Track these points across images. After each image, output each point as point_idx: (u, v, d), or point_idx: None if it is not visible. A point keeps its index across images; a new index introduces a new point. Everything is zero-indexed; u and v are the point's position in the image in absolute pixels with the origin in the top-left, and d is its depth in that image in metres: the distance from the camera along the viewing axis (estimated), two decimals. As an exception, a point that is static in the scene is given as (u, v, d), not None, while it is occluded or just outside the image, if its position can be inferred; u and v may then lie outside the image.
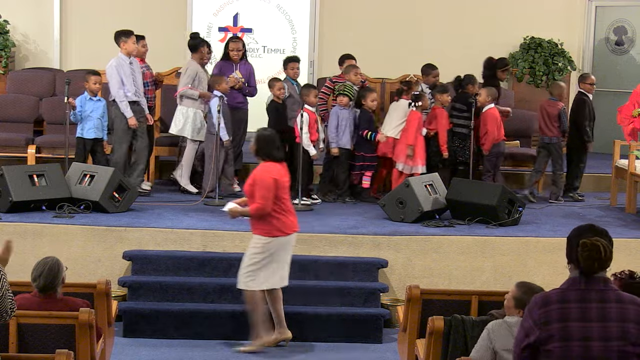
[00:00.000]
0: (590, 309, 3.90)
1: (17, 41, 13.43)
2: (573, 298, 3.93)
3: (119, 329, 7.97)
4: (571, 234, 4.11)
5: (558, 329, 3.87)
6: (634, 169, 10.20)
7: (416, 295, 6.55)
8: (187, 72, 10.44)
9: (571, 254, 4.04)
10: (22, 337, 5.75)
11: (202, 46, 10.60)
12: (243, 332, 8.09)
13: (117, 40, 10.19)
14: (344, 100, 10.32)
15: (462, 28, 13.76)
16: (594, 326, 3.88)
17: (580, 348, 3.85)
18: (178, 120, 10.45)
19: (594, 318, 3.88)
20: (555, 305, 3.92)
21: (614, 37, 14.09)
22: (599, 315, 3.89)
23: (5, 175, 9.04)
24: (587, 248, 3.95)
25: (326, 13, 13.80)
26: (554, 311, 3.90)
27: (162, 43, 13.40)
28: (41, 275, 5.86)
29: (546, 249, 8.88)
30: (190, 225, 8.92)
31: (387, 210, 9.52)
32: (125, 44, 10.11)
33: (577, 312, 3.89)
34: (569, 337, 3.86)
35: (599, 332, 3.88)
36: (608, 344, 3.87)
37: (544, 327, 3.88)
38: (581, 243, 3.98)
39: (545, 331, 3.88)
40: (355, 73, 10.56)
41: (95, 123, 10.08)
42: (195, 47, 10.60)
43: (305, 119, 9.96)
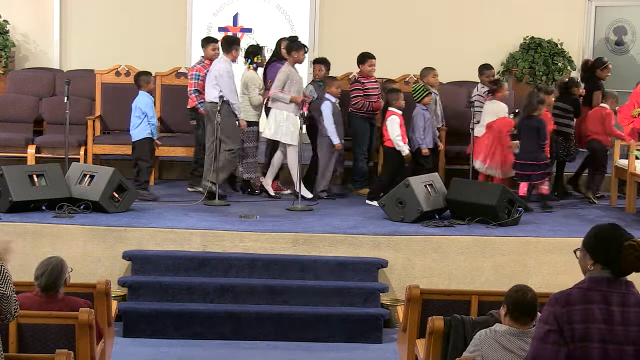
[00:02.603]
0: (612, 312, 3.85)
1: (17, 41, 13.44)
2: (597, 300, 3.88)
3: (119, 329, 7.97)
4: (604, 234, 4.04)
5: (580, 330, 3.81)
6: (634, 169, 10.20)
7: (416, 295, 6.54)
8: (280, 76, 10.36)
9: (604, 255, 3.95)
10: (22, 337, 5.75)
11: (298, 49, 10.51)
12: (243, 332, 8.11)
13: (229, 48, 10.20)
14: (428, 100, 10.49)
15: (462, 28, 13.77)
16: (615, 329, 3.83)
17: (599, 350, 3.81)
18: (271, 124, 10.38)
19: (615, 321, 3.84)
20: (578, 306, 3.85)
21: (614, 37, 14.09)
22: (620, 319, 3.85)
23: (5, 175, 9.04)
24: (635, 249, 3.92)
25: (326, 13, 13.81)
26: (577, 312, 3.84)
27: (162, 43, 13.43)
28: (43, 275, 5.85)
29: (546, 249, 8.88)
30: (190, 225, 8.92)
31: (387, 210, 9.52)
32: (236, 52, 10.24)
33: (600, 314, 3.84)
34: (589, 338, 3.81)
35: (619, 335, 3.83)
36: (625, 347, 3.83)
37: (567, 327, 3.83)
38: (628, 245, 3.94)
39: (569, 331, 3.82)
40: (433, 75, 10.86)
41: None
42: (290, 50, 10.54)
43: (397, 121, 10.09)
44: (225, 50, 10.22)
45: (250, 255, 8.62)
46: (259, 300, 8.30)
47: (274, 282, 8.44)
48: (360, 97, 10.71)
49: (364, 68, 10.80)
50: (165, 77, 11.46)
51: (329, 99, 10.49)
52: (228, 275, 8.47)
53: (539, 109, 10.14)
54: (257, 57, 10.47)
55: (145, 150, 10.13)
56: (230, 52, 10.20)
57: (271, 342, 8.07)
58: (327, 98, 10.50)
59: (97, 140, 11.07)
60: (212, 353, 7.81)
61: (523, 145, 10.18)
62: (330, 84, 10.59)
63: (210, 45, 10.64)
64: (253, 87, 10.40)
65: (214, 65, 10.24)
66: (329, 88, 10.55)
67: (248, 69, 10.50)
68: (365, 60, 10.81)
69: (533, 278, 8.67)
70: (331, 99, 10.48)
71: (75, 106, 11.03)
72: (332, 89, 10.53)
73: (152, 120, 10.09)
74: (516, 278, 8.63)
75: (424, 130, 10.45)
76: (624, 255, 3.91)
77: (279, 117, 10.34)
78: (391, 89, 10.62)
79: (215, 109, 9.91)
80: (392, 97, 10.28)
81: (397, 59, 12.07)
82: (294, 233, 8.83)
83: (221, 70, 10.06)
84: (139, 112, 10.05)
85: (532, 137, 10.08)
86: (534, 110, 10.14)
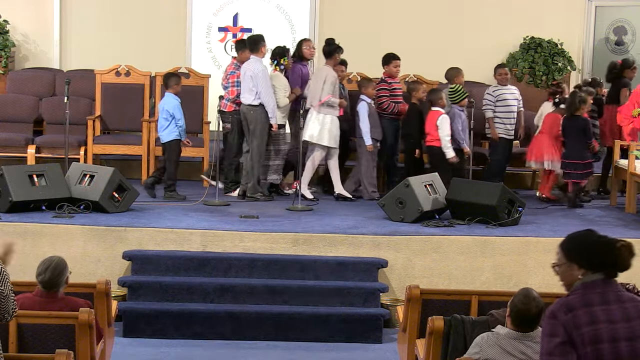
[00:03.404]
0: (612, 310, 3.85)
1: (17, 41, 13.44)
2: (596, 301, 3.88)
3: (118, 329, 7.97)
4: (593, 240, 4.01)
5: (589, 332, 3.80)
6: (634, 169, 10.20)
7: (416, 295, 6.54)
8: (329, 80, 10.32)
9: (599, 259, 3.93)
10: (22, 337, 5.75)
11: (337, 52, 10.53)
12: (243, 332, 8.11)
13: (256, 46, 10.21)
14: (466, 102, 10.60)
15: (462, 28, 13.77)
16: (620, 327, 3.82)
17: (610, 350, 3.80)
18: (314, 126, 10.36)
19: (618, 319, 3.84)
20: (581, 309, 3.84)
21: (614, 37, 14.10)
22: (622, 316, 3.85)
23: (5, 175, 9.04)
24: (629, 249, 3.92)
25: (326, 13, 13.81)
26: (582, 315, 3.82)
27: (162, 43, 13.44)
28: (47, 270, 5.85)
29: (546, 249, 8.87)
30: (190, 225, 8.91)
31: (387, 210, 9.52)
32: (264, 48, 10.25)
33: (603, 315, 3.84)
34: (599, 339, 3.79)
35: (625, 332, 3.83)
36: (634, 343, 3.83)
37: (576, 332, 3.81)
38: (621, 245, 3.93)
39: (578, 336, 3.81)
40: (462, 76, 11.07)
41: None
42: (331, 53, 10.53)
43: (448, 120, 10.18)
44: (254, 50, 10.24)
45: (250, 255, 8.62)
46: (259, 300, 8.30)
47: (274, 282, 8.44)
48: (387, 97, 10.71)
49: (389, 69, 10.80)
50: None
51: (365, 100, 10.51)
52: (228, 275, 8.47)
53: (581, 109, 10.33)
54: (283, 58, 10.47)
55: (175, 152, 10.17)
56: (259, 50, 10.22)
57: (271, 342, 8.07)
58: (363, 99, 10.53)
59: (97, 140, 11.08)
60: (212, 353, 7.80)
61: (569, 144, 10.42)
62: (366, 85, 10.62)
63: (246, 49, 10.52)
64: (279, 89, 10.38)
65: (247, 66, 10.23)
66: (366, 89, 10.58)
67: (274, 71, 10.48)
68: (390, 61, 10.81)
69: (533, 278, 8.67)
70: (367, 100, 10.51)
71: (75, 106, 11.03)
72: (369, 90, 10.57)
73: (179, 122, 10.09)
74: (516, 278, 8.65)
75: (462, 131, 10.55)
76: (621, 256, 3.90)
77: (325, 120, 10.35)
78: (433, 89, 10.74)
79: (254, 111, 10.07)
80: (435, 96, 10.39)
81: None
82: (294, 233, 8.82)
83: (256, 71, 10.08)
84: (166, 114, 10.06)
85: (578, 136, 10.31)
86: (576, 110, 10.33)
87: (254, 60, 10.21)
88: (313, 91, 10.42)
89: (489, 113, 10.98)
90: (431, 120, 10.36)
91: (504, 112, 10.99)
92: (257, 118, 10.13)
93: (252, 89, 10.09)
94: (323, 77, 10.36)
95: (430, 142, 10.41)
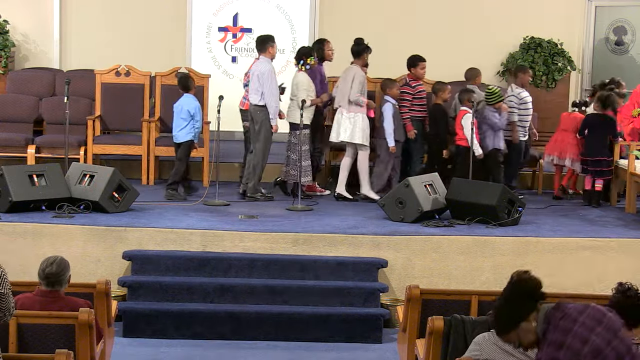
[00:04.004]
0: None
1: (17, 41, 13.44)
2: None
3: (118, 329, 7.97)
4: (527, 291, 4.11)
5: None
6: (634, 169, 10.20)
7: (416, 295, 6.54)
8: (358, 79, 10.34)
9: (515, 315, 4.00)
10: (22, 337, 5.74)
11: (365, 52, 10.52)
12: (243, 332, 8.11)
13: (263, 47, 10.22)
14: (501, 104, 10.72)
15: (462, 28, 13.76)
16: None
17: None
18: (345, 126, 10.36)
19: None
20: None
21: (613, 37, 14.09)
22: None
23: (5, 175, 9.04)
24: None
25: (326, 13, 13.81)
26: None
27: (162, 43, 13.44)
28: (54, 263, 5.88)
29: (546, 249, 8.88)
30: (190, 225, 8.91)
31: (387, 210, 9.52)
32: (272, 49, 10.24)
33: None
34: None
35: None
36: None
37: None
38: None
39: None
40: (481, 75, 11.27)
41: None
42: (359, 53, 10.52)
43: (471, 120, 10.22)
44: (261, 50, 10.27)
45: (250, 255, 8.62)
46: (259, 300, 8.30)
47: (274, 282, 8.44)
48: (409, 103, 10.66)
49: (415, 71, 10.74)
50: (165, 77, 11.45)
51: (390, 101, 10.52)
52: (228, 275, 8.47)
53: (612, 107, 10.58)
54: (310, 58, 10.48)
55: (186, 153, 10.28)
56: (266, 50, 10.23)
57: (271, 342, 8.07)
58: (388, 100, 10.54)
59: (97, 140, 11.08)
60: (212, 353, 7.81)
61: (592, 141, 10.59)
62: (390, 85, 10.62)
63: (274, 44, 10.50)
64: (303, 89, 10.38)
65: (255, 67, 10.30)
66: (390, 90, 10.58)
67: (299, 70, 10.48)
68: (416, 63, 10.77)
69: (533, 278, 8.65)
70: (391, 101, 10.52)
71: (75, 106, 11.03)
72: (393, 91, 10.57)
73: (197, 124, 10.22)
74: (516, 278, 8.63)
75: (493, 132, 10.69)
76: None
77: (356, 119, 10.36)
78: (465, 89, 10.80)
79: (260, 112, 10.11)
80: (466, 96, 10.48)
81: (396, 59, 12.01)
82: (294, 233, 8.83)
83: (263, 70, 10.11)
84: (185, 114, 10.13)
85: (603, 134, 10.53)
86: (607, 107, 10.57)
87: (262, 61, 10.25)
88: (342, 91, 10.44)
89: (514, 117, 10.96)
90: (458, 120, 10.55)
91: (525, 115, 11.07)
92: (263, 118, 10.15)
93: (258, 89, 10.13)
94: (351, 77, 10.38)
95: (457, 141, 10.56)
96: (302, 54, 10.52)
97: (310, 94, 10.42)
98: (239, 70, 13.64)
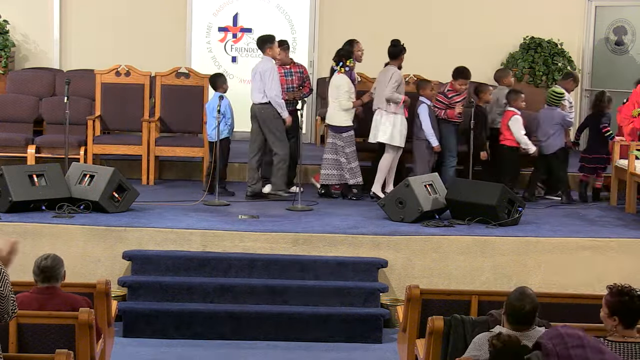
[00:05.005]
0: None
1: (17, 41, 13.44)
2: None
3: (118, 329, 7.97)
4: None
5: None
6: (634, 169, 10.19)
7: (416, 295, 6.54)
8: (394, 78, 10.34)
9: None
10: (22, 337, 5.75)
11: (402, 53, 10.54)
12: (243, 332, 8.11)
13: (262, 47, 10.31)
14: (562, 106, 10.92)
15: (462, 28, 13.76)
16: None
17: None
18: (386, 127, 10.36)
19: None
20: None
21: (613, 37, 14.09)
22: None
23: (5, 175, 9.04)
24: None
25: (326, 13, 13.81)
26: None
27: (162, 43, 13.44)
28: (48, 257, 5.92)
29: (546, 249, 8.88)
30: (190, 225, 8.91)
31: (387, 210, 9.52)
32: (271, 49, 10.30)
33: None
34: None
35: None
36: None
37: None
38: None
39: None
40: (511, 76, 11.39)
41: None
42: (396, 54, 10.53)
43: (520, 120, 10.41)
44: (262, 50, 10.34)
45: (250, 255, 8.62)
46: (259, 300, 8.30)
47: (274, 282, 8.44)
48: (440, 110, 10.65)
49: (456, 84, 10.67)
50: (165, 77, 11.45)
51: (425, 102, 10.54)
52: (228, 275, 8.47)
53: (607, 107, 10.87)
54: (349, 60, 10.48)
55: (224, 150, 10.40)
56: (265, 50, 10.29)
57: (271, 342, 8.07)
58: (423, 100, 10.55)
59: (97, 140, 11.07)
60: (212, 353, 7.81)
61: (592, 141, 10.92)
62: (424, 86, 10.63)
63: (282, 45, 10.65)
64: (343, 91, 10.37)
65: (257, 66, 10.36)
66: (424, 90, 10.59)
67: (339, 73, 10.47)
68: (457, 77, 10.71)
69: (533, 278, 8.67)
70: (426, 101, 10.54)
71: (75, 106, 11.03)
72: (427, 92, 10.59)
73: (229, 121, 10.40)
74: (516, 278, 8.65)
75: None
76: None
77: (395, 121, 10.36)
78: (512, 90, 10.92)
79: (264, 110, 10.16)
80: (512, 97, 10.63)
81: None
82: (294, 233, 8.83)
83: (264, 68, 10.18)
84: (215, 113, 10.19)
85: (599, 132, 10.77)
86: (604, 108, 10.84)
87: (264, 60, 10.32)
88: (380, 93, 10.44)
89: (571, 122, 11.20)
90: (504, 120, 10.67)
91: None
92: (268, 116, 10.19)
93: (260, 87, 10.19)
94: (389, 77, 10.39)
95: (502, 140, 10.69)
96: (342, 56, 10.49)
97: (351, 96, 10.44)
98: (239, 70, 13.65)
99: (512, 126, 10.55)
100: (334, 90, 10.48)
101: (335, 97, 10.45)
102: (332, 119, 10.51)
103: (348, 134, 10.41)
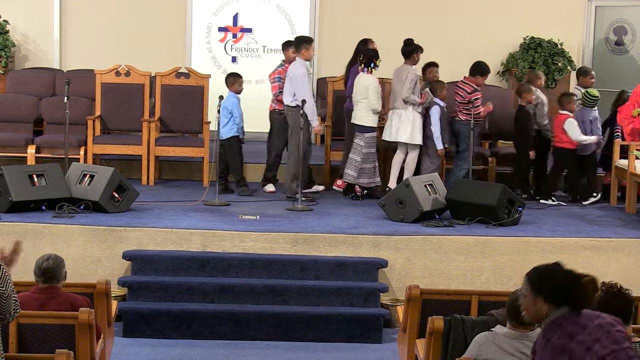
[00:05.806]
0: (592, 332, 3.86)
1: (17, 41, 13.44)
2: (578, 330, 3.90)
3: (118, 329, 7.97)
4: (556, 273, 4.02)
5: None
6: (633, 169, 10.20)
7: (416, 295, 6.55)
8: (410, 77, 10.37)
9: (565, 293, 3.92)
10: (22, 337, 5.75)
11: (416, 52, 10.56)
12: (243, 332, 8.11)
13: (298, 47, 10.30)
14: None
15: (462, 28, 13.77)
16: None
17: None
18: (405, 127, 10.39)
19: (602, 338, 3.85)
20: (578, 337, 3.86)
21: (613, 37, 14.09)
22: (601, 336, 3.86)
23: (5, 175, 9.04)
24: (593, 285, 3.93)
25: (326, 13, 13.81)
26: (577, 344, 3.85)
27: (162, 43, 13.44)
28: (49, 258, 5.93)
29: (546, 249, 8.89)
30: (190, 225, 8.92)
31: (387, 210, 9.52)
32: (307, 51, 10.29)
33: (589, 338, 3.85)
34: None
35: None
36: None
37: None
38: (587, 281, 3.93)
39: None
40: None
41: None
42: (410, 53, 10.54)
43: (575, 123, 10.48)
44: (297, 50, 10.36)
45: (250, 255, 8.62)
46: (259, 300, 8.30)
47: (274, 282, 8.44)
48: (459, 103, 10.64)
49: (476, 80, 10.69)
50: (165, 77, 11.45)
51: (438, 103, 10.54)
52: (228, 275, 8.47)
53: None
54: (378, 60, 10.48)
55: (234, 149, 10.52)
56: (300, 51, 10.29)
57: (271, 342, 8.08)
58: (436, 102, 10.55)
59: (97, 140, 11.07)
60: (212, 353, 7.81)
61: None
62: (439, 88, 10.63)
63: (290, 48, 10.64)
64: (373, 92, 10.35)
65: (290, 68, 10.37)
66: (437, 92, 10.60)
67: (368, 73, 10.45)
68: (476, 73, 10.73)
69: (533, 278, 8.66)
70: (440, 104, 10.54)
71: (75, 106, 11.03)
72: (442, 93, 10.60)
73: (237, 120, 10.48)
74: (516, 278, 8.64)
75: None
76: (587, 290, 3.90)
77: (415, 120, 10.39)
78: (565, 92, 11.08)
79: (292, 112, 10.20)
80: (565, 99, 10.71)
81: (396, 59, 12.02)
82: (294, 233, 8.83)
83: (296, 72, 10.20)
84: (225, 111, 10.37)
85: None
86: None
87: (296, 62, 10.33)
88: (396, 92, 10.46)
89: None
90: (558, 123, 10.68)
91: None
92: (294, 119, 10.22)
93: (290, 90, 10.25)
94: (404, 77, 10.40)
95: (558, 143, 10.73)
96: (372, 56, 10.46)
97: (379, 97, 10.43)
98: (239, 71, 13.58)
99: (569, 130, 10.54)
100: (362, 90, 10.42)
101: (364, 97, 10.40)
102: (359, 119, 10.44)
103: (370, 134, 10.39)
